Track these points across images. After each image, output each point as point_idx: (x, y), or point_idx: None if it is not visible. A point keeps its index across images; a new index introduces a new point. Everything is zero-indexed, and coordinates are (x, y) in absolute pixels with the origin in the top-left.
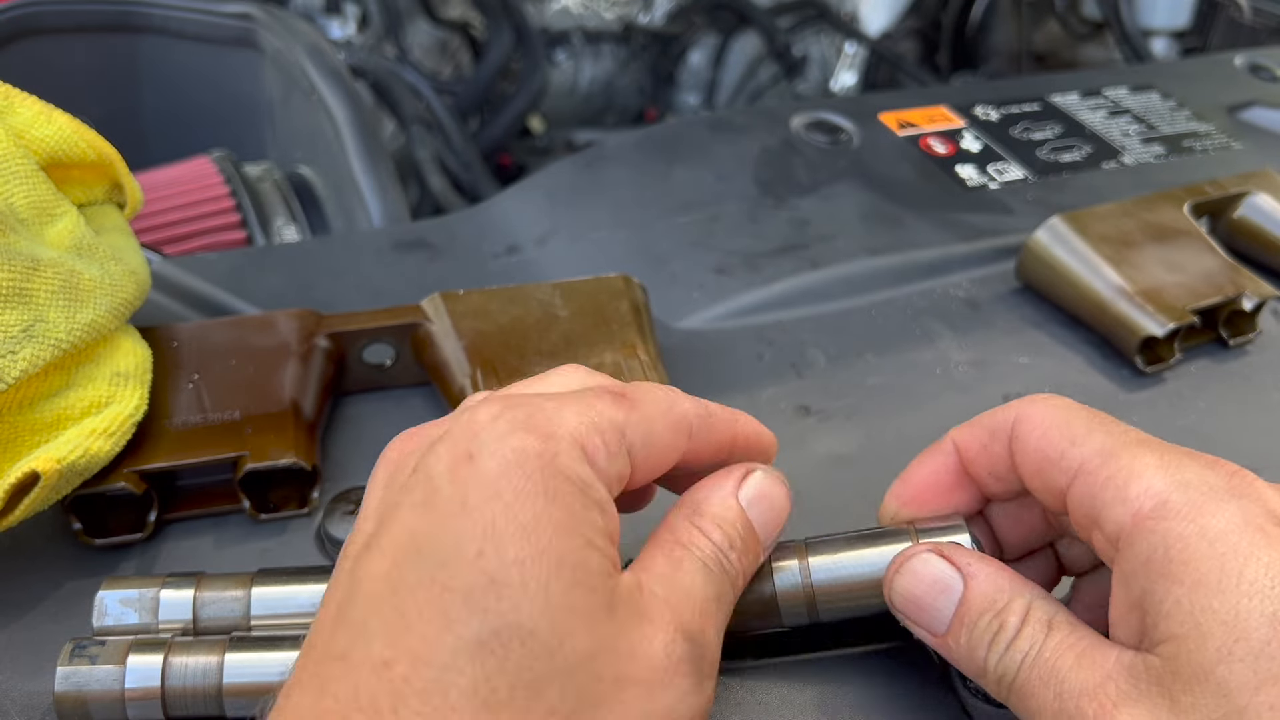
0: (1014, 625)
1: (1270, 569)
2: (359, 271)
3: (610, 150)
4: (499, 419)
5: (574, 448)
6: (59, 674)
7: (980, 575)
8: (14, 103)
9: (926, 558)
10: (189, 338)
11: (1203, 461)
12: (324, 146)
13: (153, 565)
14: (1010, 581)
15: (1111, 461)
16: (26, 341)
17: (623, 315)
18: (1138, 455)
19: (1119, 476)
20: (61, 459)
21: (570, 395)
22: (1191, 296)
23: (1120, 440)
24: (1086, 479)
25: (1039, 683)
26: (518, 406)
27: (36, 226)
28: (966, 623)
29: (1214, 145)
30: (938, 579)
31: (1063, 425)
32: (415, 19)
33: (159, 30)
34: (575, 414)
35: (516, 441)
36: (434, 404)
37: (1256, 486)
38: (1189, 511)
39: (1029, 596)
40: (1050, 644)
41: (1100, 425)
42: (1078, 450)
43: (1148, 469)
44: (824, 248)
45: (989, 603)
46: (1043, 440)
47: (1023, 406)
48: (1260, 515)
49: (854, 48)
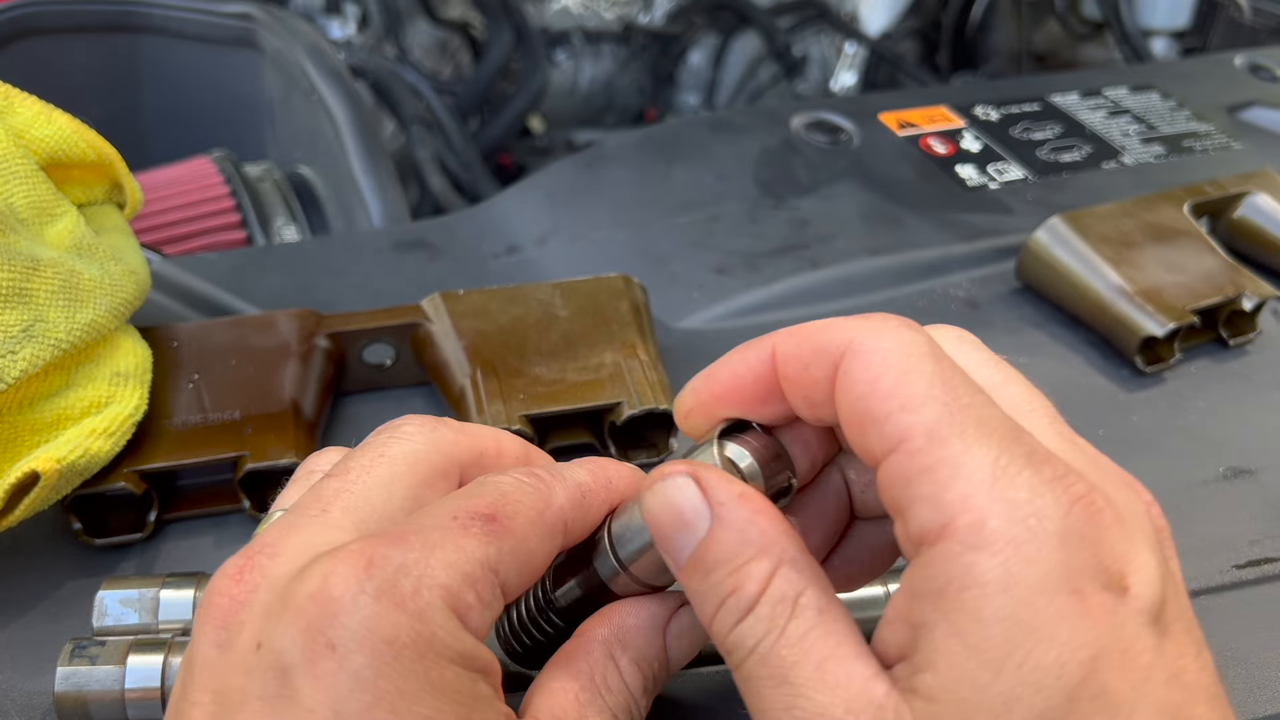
0: (751, 592)
1: (1064, 655)
2: (359, 271)
3: (610, 150)
4: (360, 595)
5: (448, 617)
6: (59, 674)
7: (729, 520)
8: (14, 103)
9: (681, 483)
10: (189, 338)
11: (1045, 475)
12: (324, 146)
13: (153, 565)
14: (762, 535)
15: (937, 447)
16: (26, 341)
17: (623, 315)
18: (970, 447)
19: (940, 471)
20: (61, 459)
21: (435, 534)
22: (1191, 296)
23: (956, 419)
24: (905, 459)
25: (769, 681)
26: (377, 569)
27: (36, 226)
28: (700, 570)
29: (1214, 145)
30: (684, 511)
31: (897, 377)
32: (415, 19)
33: (159, 30)
34: (444, 566)
35: (387, 627)
36: (434, 404)
37: (1098, 523)
38: (1003, 547)
39: (776, 558)
40: (790, 635)
41: (942, 388)
42: (905, 419)
43: (976, 471)
44: (824, 248)
45: (730, 554)
46: (869, 391)
47: (859, 334)
48: (1087, 570)
49: (854, 48)
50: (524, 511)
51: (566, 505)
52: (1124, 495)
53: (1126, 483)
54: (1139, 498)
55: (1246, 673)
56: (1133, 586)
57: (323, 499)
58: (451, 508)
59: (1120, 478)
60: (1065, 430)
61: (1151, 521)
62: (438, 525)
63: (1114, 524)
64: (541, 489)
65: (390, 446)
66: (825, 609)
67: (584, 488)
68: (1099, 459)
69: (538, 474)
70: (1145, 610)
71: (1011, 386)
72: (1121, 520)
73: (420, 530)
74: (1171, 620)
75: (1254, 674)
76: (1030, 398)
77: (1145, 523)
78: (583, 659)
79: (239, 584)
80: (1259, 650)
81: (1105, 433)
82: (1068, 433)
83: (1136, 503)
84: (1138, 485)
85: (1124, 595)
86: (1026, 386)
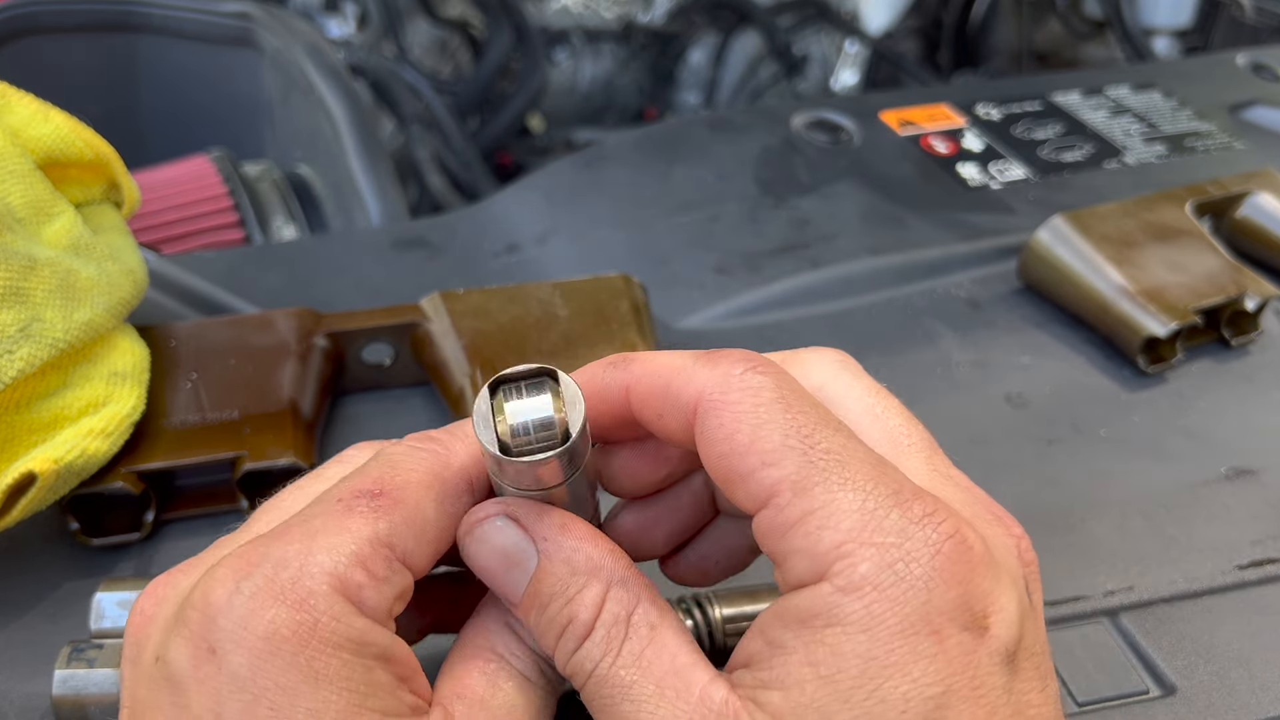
0: (586, 619)
1: (913, 690)
2: (358, 270)
3: (610, 150)
4: (236, 595)
5: (335, 601)
6: (56, 677)
7: (555, 553)
8: (11, 102)
9: (500, 524)
10: (187, 337)
11: (914, 514)
12: (323, 146)
13: (151, 566)
14: (589, 561)
15: (803, 499)
16: (23, 341)
17: (623, 315)
18: (836, 495)
19: (810, 523)
20: (59, 459)
21: (317, 521)
22: (1194, 296)
23: (818, 466)
24: (775, 514)
25: (611, 701)
26: (255, 567)
27: (33, 226)
28: (537, 604)
29: (1216, 145)
30: (509, 551)
31: (751, 432)
32: (415, 18)
33: (157, 29)
34: (327, 550)
35: (264, 623)
36: (434, 404)
37: (966, 561)
38: (869, 591)
39: (605, 581)
40: (625, 655)
41: (798, 436)
42: (768, 474)
43: (844, 519)
44: (825, 247)
45: (562, 585)
46: (728, 449)
47: (707, 386)
48: (949, 611)
49: (855, 46)
50: (416, 479)
51: (469, 465)
52: (993, 531)
53: (997, 516)
54: (1008, 532)
55: (1249, 674)
56: (993, 626)
57: (251, 521)
58: (337, 491)
59: (991, 512)
60: (940, 463)
61: (1020, 556)
62: (321, 512)
63: (981, 563)
64: (438, 452)
65: (327, 469)
66: (657, 623)
67: None
68: (971, 491)
69: (434, 437)
70: (1001, 650)
71: (889, 417)
72: (989, 559)
73: (303, 521)
74: (1024, 658)
75: (1256, 675)
76: (908, 429)
77: (1012, 560)
78: (480, 634)
79: (151, 600)
80: (1261, 651)
81: (1107, 433)
82: (942, 465)
83: (1005, 538)
84: (1008, 519)
85: (983, 635)
86: (904, 416)
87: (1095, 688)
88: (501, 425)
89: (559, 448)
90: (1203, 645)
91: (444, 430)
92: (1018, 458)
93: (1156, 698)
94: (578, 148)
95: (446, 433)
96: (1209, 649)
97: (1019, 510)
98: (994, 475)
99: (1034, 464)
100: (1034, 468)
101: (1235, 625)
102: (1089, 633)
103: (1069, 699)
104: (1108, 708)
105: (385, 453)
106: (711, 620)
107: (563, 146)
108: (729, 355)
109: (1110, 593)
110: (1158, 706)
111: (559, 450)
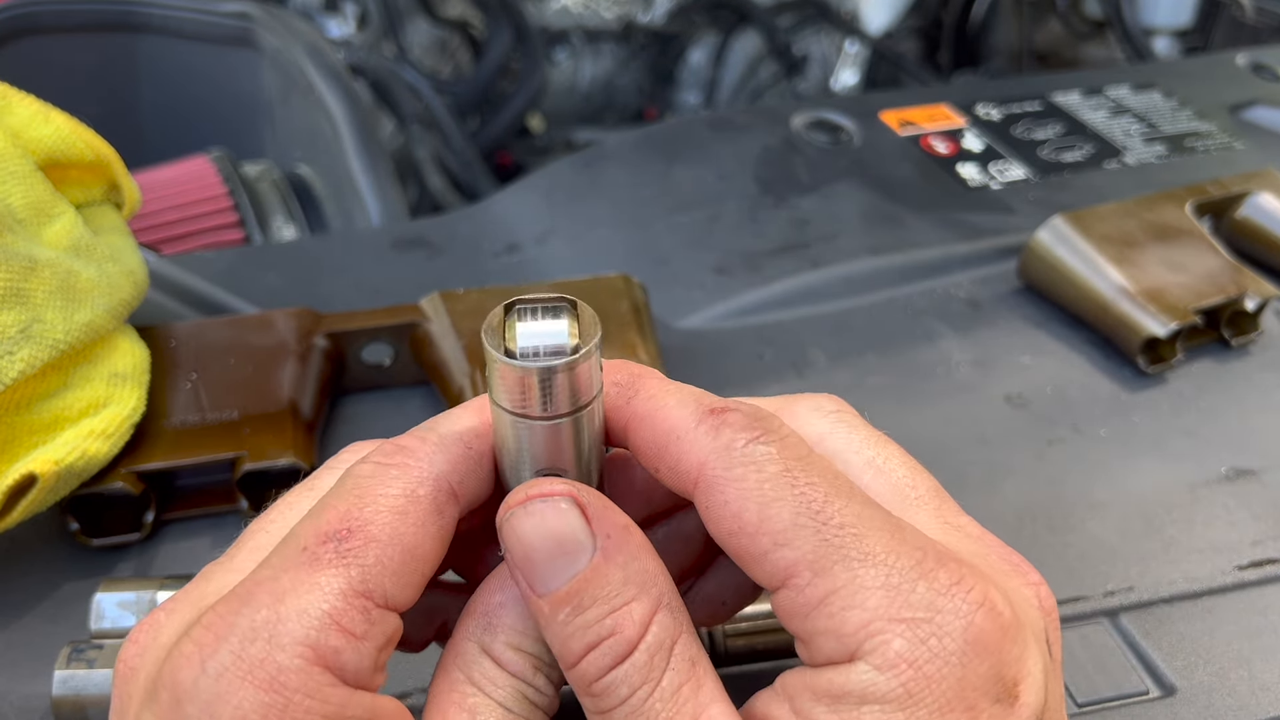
0: (630, 637)
1: None
2: (358, 270)
3: (610, 149)
4: (202, 677)
5: (309, 675)
6: (56, 678)
7: (616, 555)
8: (12, 102)
9: (564, 507)
10: (187, 337)
11: (941, 583)
12: (323, 145)
13: (150, 566)
14: (644, 573)
15: (824, 580)
16: (24, 342)
17: (623, 315)
18: (858, 573)
19: (834, 603)
20: (59, 461)
21: (285, 578)
22: (1194, 296)
23: (834, 544)
24: (795, 595)
25: None
26: (221, 641)
27: (34, 226)
28: (573, 604)
29: (1216, 145)
30: (564, 538)
31: (759, 511)
32: (414, 18)
33: (157, 29)
34: (297, 616)
35: (231, 709)
36: (434, 404)
37: (997, 628)
38: (905, 669)
39: (655, 600)
40: (665, 688)
41: (809, 513)
42: (782, 555)
43: (869, 597)
44: (825, 247)
45: (613, 592)
46: (738, 528)
47: (709, 461)
48: (983, 685)
49: (855, 46)
50: (388, 505)
51: (447, 470)
52: (1013, 584)
53: (1014, 565)
54: (1026, 580)
55: (1249, 674)
56: (1023, 694)
57: (238, 544)
58: (302, 535)
59: (1008, 561)
60: (949, 512)
61: (1040, 606)
62: (288, 565)
63: (1010, 628)
64: (409, 466)
65: (319, 478)
66: (696, 659)
67: (467, 437)
68: (984, 540)
69: (405, 446)
70: (1030, 718)
71: (892, 469)
72: (1016, 623)
73: (271, 577)
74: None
75: (1256, 675)
76: (913, 479)
77: (1034, 615)
78: (455, 664)
79: (135, 649)
80: (1261, 651)
81: (1107, 433)
82: (952, 515)
83: (1025, 589)
84: (1024, 565)
85: (1014, 705)
86: (908, 466)
87: (1095, 688)
88: (510, 344)
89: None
90: (1203, 646)
91: (416, 435)
92: (1018, 458)
93: (1156, 698)
94: (578, 148)
95: (418, 439)
96: (1209, 649)
97: (1019, 510)
98: (994, 475)
99: (1034, 464)
100: (1034, 468)
101: (1235, 626)
102: (1089, 633)
103: (1069, 699)
104: (1108, 708)
105: (351, 477)
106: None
107: (563, 146)
108: (731, 420)
109: (1110, 593)
110: (1158, 707)
111: (567, 359)
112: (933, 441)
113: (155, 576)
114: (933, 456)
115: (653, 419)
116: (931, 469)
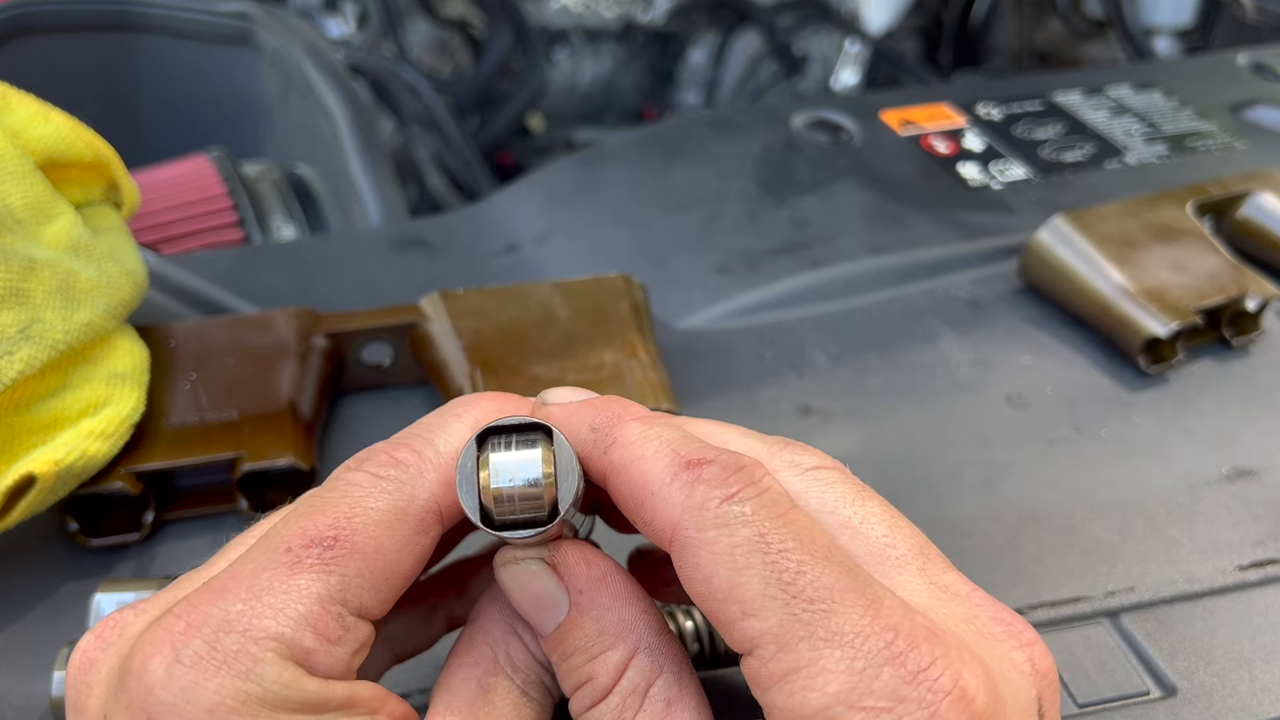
0: (604, 683)
1: None
2: (357, 270)
3: (610, 149)
4: (175, 665)
5: (284, 668)
6: (55, 679)
7: (588, 608)
8: (11, 102)
9: (536, 569)
10: (186, 337)
11: (908, 670)
12: (322, 145)
13: (149, 566)
14: (620, 622)
15: (787, 655)
16: (23, 342)
17: (623, 315)
18: (822, 653)
19: (795, 681)
20: (58, 461)
21: (264, 577)
22: (1195, 296)
23: (801, 620)
24: (759, 665)
25: None
26: (195, 631)
27: (33, 227)
28: (559, 651)
29: (1217, 144)
30: (541, 596)
31: (729, 578)
32: (414, 17)
33: (157, 29)
34: (273, 614)
35: (207, 695)
36: (433, 404)
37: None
38: None
39: (632, 647)
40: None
41: (779, 585)
42: (749, 625)
43: (831, 681)
44: (825, 247)
45: (587, 643)
46: (708, 591)
47: (683, 521)
48: None
49: (855, 46)
50: (377, 518)
51: (439, 493)
52: (1000, 651)
53: (1005, 625)
54: (1019, 642)
55: (1250, 675)
56: None
57: (219, 555)
58: (287, 535)
59: (999, 621)
60: (934, 570)
61: (1034, 668)
62: (267, 563)
63: (984, 715)
64: (403, 483)
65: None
66: (675, 699)
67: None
68: (971, 599)
69: (400, 461)
70: None
71: (872, 527)
72: (994, 705)
73: (250, 574)
74: None
75: (1257, 676)
76: (893, 538)
77: (1020, 686)
78: (482, 640)
79: (97, 643)
80: (1262, 652)
81: (1108, 433)
82: (937, 573)
83: (1015, 654)
84: (1018, 624)
85: None
86: (889, 523)
87: (1095, 689)
88: (484, 478)
89: (541, 528)
90: (1203, 646)
91: (413, 447)
92: (1018, 458)
93: (1157, 699)
94: (578, 147)
95: (415, 453)
96: (1210, 650)
97: (1019, 510)
98: (994, 475)
99: (1034, 464)
100: (1034, 468)
101: (1236, 626)
102: (1089, 633)
103: (1069, 700)
104: (1108, 709)
105: (343, 483)
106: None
107: (563, 146)
108: (706, 475)
109: (1111, 593)
110: (1158, 708)
111: (539, 531)
112: (933, 441)
113: (154, 577)
114: (933, 456)
115: (628, 472)
116: (932, 469)
